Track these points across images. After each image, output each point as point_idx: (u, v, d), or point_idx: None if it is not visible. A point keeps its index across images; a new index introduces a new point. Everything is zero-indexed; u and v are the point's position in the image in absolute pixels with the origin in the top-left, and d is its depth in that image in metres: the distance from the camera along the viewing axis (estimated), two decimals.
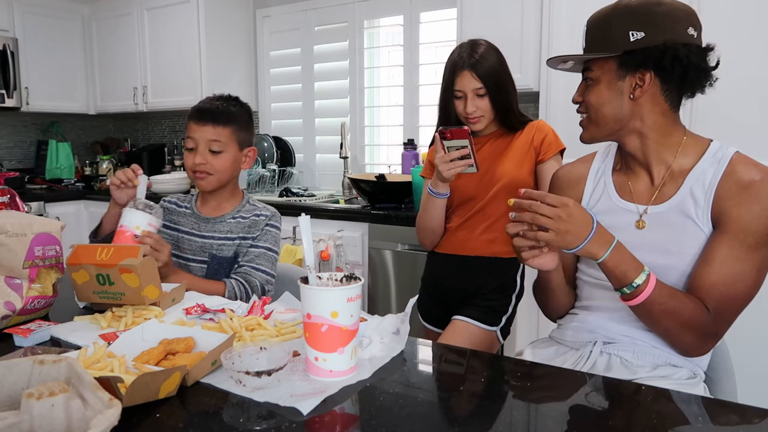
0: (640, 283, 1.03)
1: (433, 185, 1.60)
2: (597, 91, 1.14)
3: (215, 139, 1.51)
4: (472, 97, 1.62)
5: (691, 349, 1.10)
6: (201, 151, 1.51)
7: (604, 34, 1.11)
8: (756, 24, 2.07)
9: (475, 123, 1.65)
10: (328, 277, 0.98)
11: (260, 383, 0.84)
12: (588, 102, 1.16)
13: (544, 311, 1.35)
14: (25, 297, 1.14)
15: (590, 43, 1.15)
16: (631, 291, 1.04)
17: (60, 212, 3.72)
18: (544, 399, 0.88)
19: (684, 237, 1.10)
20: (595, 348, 1.17)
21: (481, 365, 1.03)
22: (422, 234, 1.77)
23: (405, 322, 1.06)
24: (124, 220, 1.36)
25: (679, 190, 1.12)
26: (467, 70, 1.61)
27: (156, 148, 4.36)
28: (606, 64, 1.12)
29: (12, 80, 3.78)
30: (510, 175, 1.66)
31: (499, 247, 1.72)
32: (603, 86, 1.13)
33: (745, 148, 1.13)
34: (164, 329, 1.03)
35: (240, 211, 1.61)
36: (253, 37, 3.94)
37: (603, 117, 1.14)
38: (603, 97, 1.13)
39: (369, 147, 3.64)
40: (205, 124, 1.51)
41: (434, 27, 3.27)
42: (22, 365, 0.72)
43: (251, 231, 1.59)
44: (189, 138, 1.53)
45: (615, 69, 1.11)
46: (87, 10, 4.23)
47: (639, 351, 1.13)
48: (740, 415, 0.81)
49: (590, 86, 1.15)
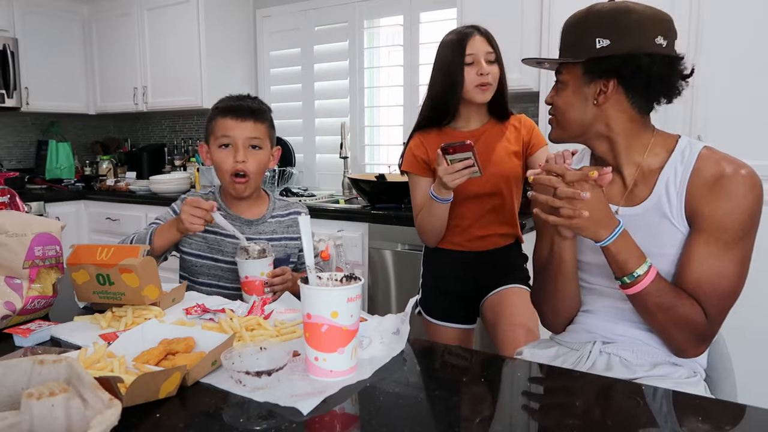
0: (641, 273, 1.04)
1: (437, 192, 1.59)
2: (564, 95, 1.15)
3: (255, 135, 1.48)
4: (485, 61, 1.63)
5: (685, 348, 1.10)
6: (242, 149, 1.46)
7: (574, 38, 1.13)
8: (759, 23, 2.07)
9: (485, 90, 1.64)
10: (328, 277, 0.98)
11: (260, 383, 0.84)
12: (555, 105, 1.17)
13: (552, 316, 1.29)
14: (25, 297, 1.14)
15: (562, 46, 1.16)
16: (631, 280, 1.05)
17: (60, 212, 3.72)
18: (544, 399, 0.89)
19: (663, 238, 1.10)
20: (595, 348, 1.17)
21: (481, 365, 1.02)
22: (426, 235, 1.76)
23: (405, 322, 1.06)
24: (246, 271, 1.34)
25: (653, 191, 1.12)
26: (479, 34, 1.63)
27: (156, 148, 4.36)
28: (574, 69, 1.13)
29: (12, 80, 3.78)
30: (513, 169, 1.71)
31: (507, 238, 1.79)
32: (570, 91, 1.14)
33: (745, 148, 1.13)
34: (164, 329, 1.03)
35: (275, 209, 1.60)
36: (253, 37, 3.94)
37: (568, 120, 1.16)
38: (569, 101, 1.14)
39: (369, 147, 3.64)
40: (245, 120, 1.46)
41: (434, 27, 3.27)
42: (22, 365, 0.72)
43: (296, 231, 1.58)
44: (224, 136, 1.46)
45: (581, 75, 1.12)
46: (87, 10, 4.23)
47: (638, 350, 1.13)
48: (740, 414, 0.81)
49: (559, 89, 1.16)
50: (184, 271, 1.58)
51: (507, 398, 0.88)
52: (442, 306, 1.81)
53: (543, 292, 1.27)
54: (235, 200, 1.56)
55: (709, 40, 2.14)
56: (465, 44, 1.62)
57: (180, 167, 4.12)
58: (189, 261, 1.55)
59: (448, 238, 1.76)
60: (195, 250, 1.54)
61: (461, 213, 1.72)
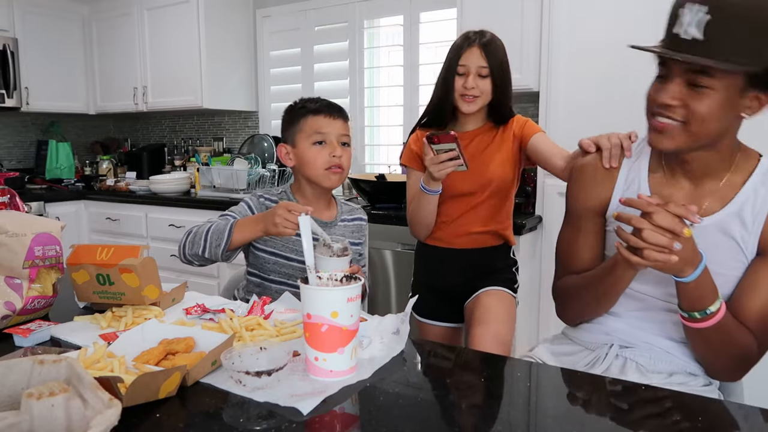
0: (713, 310, 0.97)
1: (426, 183, 1.62)
2: (709, 103, 0.95)
3: (345, 133, 1.53)
4: (474, 75, 1.64)
5: (727, 374, 1.06)
6: (336, 145, 1.50)
7: (743, 40, 0.91)
8: None
9: (470, 102, 1.66)
10: (328, 277, 0.98)
11: (260, 383, 0.84)
12: (694, 111, 0.96)
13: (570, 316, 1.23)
14: (25, 297, 1.14)
15: (730, 40, 0.91)
16: (702, 316, 0.97)
17: (60, 212, 3.72)
18: (544, 399, 0.88)
19: (723, 257, 1.03)
20: (611, 351, 1.14)
21: (481, 365, 1.02)
22: (416, 228, 1.80)
23: (405, 322, 1.06)
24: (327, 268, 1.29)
25: (725, 208, 1.03)
26: (477, 46, 1.64)
27: (156, 148, 4.36)
28: (732, 77, 0.93)
29: (12, 80, 3.78)
30: (500, 170, 1.71)
31: (494, 239, 1.79)
32: (719, 99, 0.95)
33: None
34: (164, 329, 1.03)
35: (342, 212, 1.63)
36: (253, 37, 3.94)
37: (706, 132, 0.97)
38: (715, 111, 0.95)
39: (369, 147, 3.64)
40: (337, 119, 1.52)
41: (434, 27, 3.27)
42: (22, 365, 0.72)
43: (358, 236, 1.63)
44: (318, 133, 1.49)
45: (741, 83, 0.94)
46: (87, 9, 4.23)
47: (655, 357, 1.10)
48: (741, 415, 0.81)
49: (702, 95, 0.95)
50: (254, 268, 1.57)
51: (507, 398, 0.88)
52: (429, 304, 1.84)
53: (573, 296, 1.19)
54: (312, 202, 1.57)
55: None
56: (461, 54, 1.65)
57: (180, 167, 4.12)
58: (261, 258, 1.54)
59: (434, 233, 1.79)
60: (270, 248, 1.53)
61: (446, 209, 1.75)
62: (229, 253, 1.44)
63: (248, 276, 1.60)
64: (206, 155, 3.93)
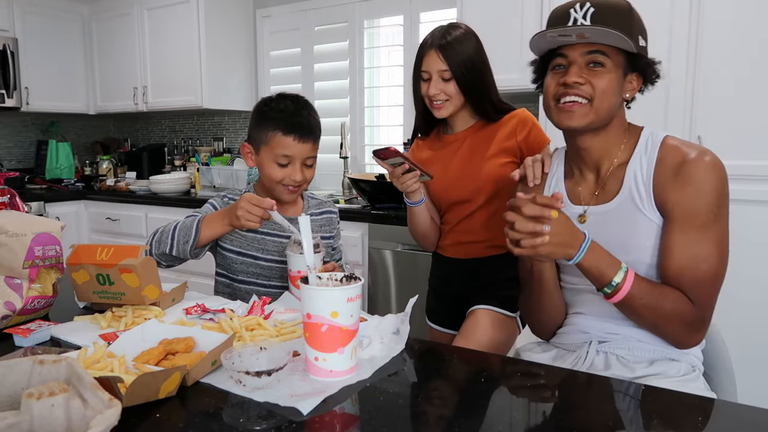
0: (618, 281, 1.04)
1: (406, 196, 1.59)
2: (606, 79, 1.08)
3: (312, 155, 1.49)
4: (436, 80, 1.53)
5: (681, 339, 1.10)
6: (299, 167, 1.46)
7: (625, 28, 1.05)
8: (757, 23, 2.07)
9: (439, 108, 1.57)
10: (328, 277, 0.98)
11: (260, 383, 0.84)
12: (596, 86, 1.08)
13: (538, 326, 1.30)
14: (25, 297, 1.14)
15: (613, 24, 1.04)
16: (611, 290, 1.05)
17: (60, 212, 3.72)
18: (544, 399, 0.88)
19: (638, 230, 1.10)
20: (591, 348, 1.17)
21: (481, 365, 1.02)
22: (414, 238, 1.77)
23: (405, 322, 1.06)
24: (299, 266, 1.32)
25: (623, 185, 1.13)
26: (434, 50, 1.54)
27: (156, 148, 4.36)
28: (618, 56, 1.09)
29: (12, 80, 3.78)
30: (495, 172, 1.58)
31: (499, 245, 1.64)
32: (612, 76, 1.08)
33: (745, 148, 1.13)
34: (164, 329, 1.03)
35: (309, 207, 1.61)
36: (253, 37, 3.94)
37: (607, 106, 1.09)
38: (610, 86, 1.08)
39: (369, 147, 3.64)
40: (306, 142, 1.45)
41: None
42: (22, 365, 0.72)
43: (329, 230, 1.61)
44: (283, 155, 1.45)
45: (623, 63, 1.09)
46: (87, 10, 4.23)
47: (634, 347, 1.14)
48: (740, 415, 0.81)
49: (598, 72, 1.08)
50: (221, 269, 1.56)
51: (507, 398, 0.88)
52: (438, 310, 1.82)
53: (527, 307, 1.30)
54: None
55: (708, 40, 2.14)
56: (421, 59, 1.57)
57: (180, 167, 4.12)
58: (229, 258, 1.53)
59: (439, 241, 1.76)
60: (236, 247, 1.53)
61: (447, 218, 1.71)
62: (198, 250, 1.43)
63: (217, 277, 1.59)
64: (206, 155, 3.93)
